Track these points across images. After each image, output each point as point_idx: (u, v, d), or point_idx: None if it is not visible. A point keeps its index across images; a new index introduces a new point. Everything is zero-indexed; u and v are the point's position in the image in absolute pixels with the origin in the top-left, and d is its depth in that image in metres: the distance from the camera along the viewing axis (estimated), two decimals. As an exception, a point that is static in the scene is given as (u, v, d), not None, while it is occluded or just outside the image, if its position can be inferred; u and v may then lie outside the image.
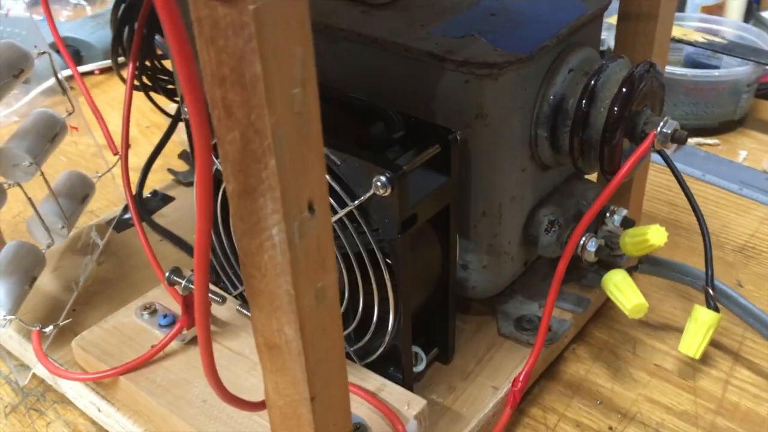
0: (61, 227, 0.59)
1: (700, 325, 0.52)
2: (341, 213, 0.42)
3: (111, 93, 0.97)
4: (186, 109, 0.26)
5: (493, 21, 0.49)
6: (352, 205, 0.42)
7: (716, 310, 0.52)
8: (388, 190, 0.40)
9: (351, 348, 0.48)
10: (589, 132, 0.47)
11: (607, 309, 0.60)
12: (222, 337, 0.51)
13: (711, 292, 0.53)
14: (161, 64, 0.70)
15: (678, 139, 0.46)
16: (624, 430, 0.51)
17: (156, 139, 0.71)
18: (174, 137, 0.70)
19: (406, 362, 0.48)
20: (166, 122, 0.80)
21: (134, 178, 0.71)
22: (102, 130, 0.63)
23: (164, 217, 0.68)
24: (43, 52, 0.59)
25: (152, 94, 0.70)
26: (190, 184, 0.72)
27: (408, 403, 0.45)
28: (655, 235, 0.50)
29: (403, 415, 0.44)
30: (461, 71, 0.45)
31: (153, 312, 0.52)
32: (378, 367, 0.48)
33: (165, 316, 0.51)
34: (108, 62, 1.00)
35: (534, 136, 0.48)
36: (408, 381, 0.48)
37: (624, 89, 0.46)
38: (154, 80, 0.70)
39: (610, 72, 0.47)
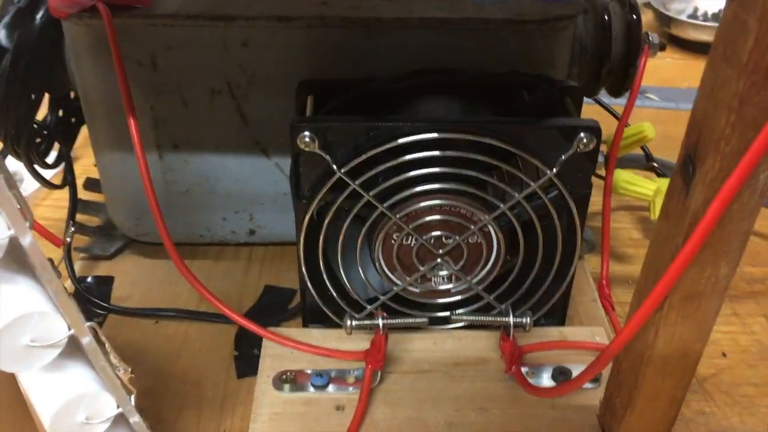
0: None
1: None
2: (543, 179, 0.44)
3: None
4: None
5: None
6: (550, 174, 0.43)
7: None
8: (593, 143, 0.43)
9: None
10: (613, 60, 0.54)
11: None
12: (390, 367, 0.47)
13: (656, 165, 0.67)
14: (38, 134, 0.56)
15: (661, 47, 0.57)
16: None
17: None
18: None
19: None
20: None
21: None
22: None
23: (127, 299, 0.56)
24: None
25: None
26: (111, 256, 0.60)
27: (591, 332, 0.50)
28: (650, 130, 0.60)
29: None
30: (542, 29, 0.48)
31: (292, 380, 0.46)
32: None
33: (319, 376, 0.45)
34: None
35: (569, 74, 0.54)
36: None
37: (632, 18, 0.54)
38: (33, 151, 0.55)
39: (614, 10, 0.55)
